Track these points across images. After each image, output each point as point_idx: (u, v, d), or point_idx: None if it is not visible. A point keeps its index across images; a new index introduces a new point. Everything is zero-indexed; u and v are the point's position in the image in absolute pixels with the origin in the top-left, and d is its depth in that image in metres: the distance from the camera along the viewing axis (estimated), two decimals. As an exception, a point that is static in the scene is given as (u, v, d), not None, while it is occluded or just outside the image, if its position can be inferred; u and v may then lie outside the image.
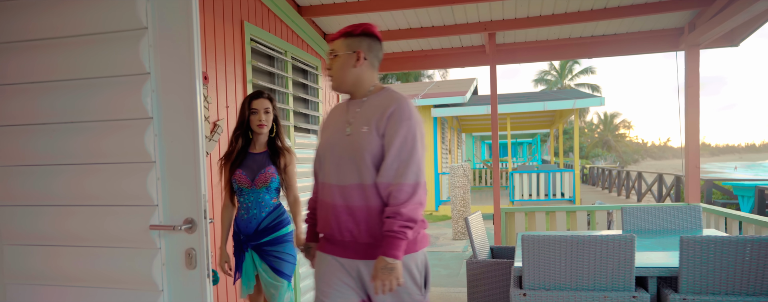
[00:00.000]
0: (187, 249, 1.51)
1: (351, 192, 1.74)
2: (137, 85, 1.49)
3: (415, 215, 1.68)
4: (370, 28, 1.85)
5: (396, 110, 1.72)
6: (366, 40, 1.83)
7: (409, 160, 1.69)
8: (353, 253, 1.76)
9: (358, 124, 1.77)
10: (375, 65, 1.87)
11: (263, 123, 2.29)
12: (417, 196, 1.69)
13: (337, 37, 1.84)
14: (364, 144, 1.72)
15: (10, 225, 1.66)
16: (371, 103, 1.79)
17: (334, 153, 1.80)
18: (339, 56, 1.81)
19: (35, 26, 1.56)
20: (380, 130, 1.72)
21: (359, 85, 1.84)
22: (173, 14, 1.46)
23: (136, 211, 1.53)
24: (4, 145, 1.63)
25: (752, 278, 2.01)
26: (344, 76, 1.82)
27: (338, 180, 1.77)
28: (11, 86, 1.61)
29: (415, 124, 1.73)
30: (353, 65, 1.80)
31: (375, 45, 1.85)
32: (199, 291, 1.52)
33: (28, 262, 1.64)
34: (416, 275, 1.78)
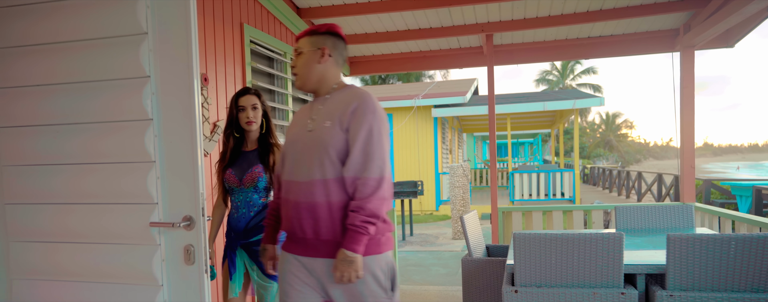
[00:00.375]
0: (186, 246, 1.57)
1: (313, 189, 1.72)
2: (138, 88, 1.55)
3: (378, 211, 1.68)
4: (335, 28, 1.88)
5: (359, 105, 1.72)
6: (331, 38, 1.85)
7: (373, 154, 1.69)
8: (314, 251, 1.75)
9: (321, 119, 1.77)
10: (340, 63, 1.89)
11: (251, 120, 2.27)
12: (381, 191, 1.69)
13: (303, 35, 1.86)
14: (327, 138, 1.72)
15: (16, 222, 1.72)
16: (334, 99, 1.80)
17: (295, 150, 1.80)
18: (303, 53, 1.83)
19: (40, 31, 1.62)
20: (344, 124, 1.72)
21: (323, 82, 1.85)
22: (172, 20, 1.52)
23: (136, 209, 1.58)
24: (10, 145, 1.69)
25: (737, 275, 2.06)
26: (309, 73, 1.83)
27: (300, 177, 1.76)
28: (17, 89, 1.67)
29: (379, 119, 1.73)
30: (318, 61, 1.82)
31: (339, 44, 1.88)
32: (198, 286, 1.57)
33: (33, 258, 1.70)
34: (381, 277, 1.76)
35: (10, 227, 1.72)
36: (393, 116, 12.42)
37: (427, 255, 7.18)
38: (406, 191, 8.36)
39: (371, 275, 1.72)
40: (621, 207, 3.38)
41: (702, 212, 4.07)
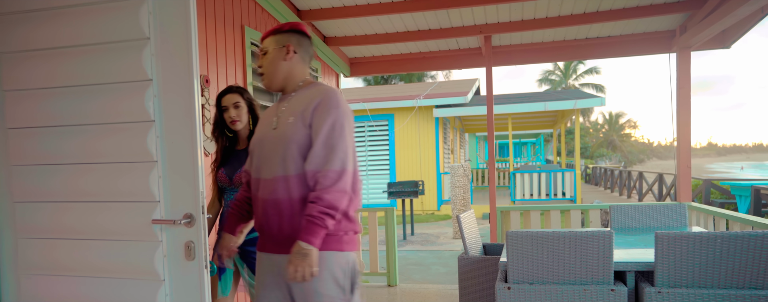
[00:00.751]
0: (187, 242, 1.63)
1: (276, 185, 1.73)
2: (140, 91, 1.61)
3: (337, 203, 1.65)
4: (299, 26, 1.89)
5: (322, 100, 1.72)
6: (295, 35, 1.87)
7: (335, 147, 1.68)
8: (278, 248, 1.75)
9: (285, 116, 1.77)
10: (306, 60, 1.90)
11: (235, 118, 2.24)
12: (342, 183, 1.66)
13: (267, 35, 1.88)
14: (290, 134, 1.72)
15: (24, 220, 1.79)
16: (299, 96, 1.81)
17: (261, 148, 1.81)
18: (269, 52, 1.84)
19: (48, 35, 1.69)
20: (307, 120, 1.71)
21: (290, 80, 1.86)
22: (174, 25, 1.58)
23: (139, 207, 1.65)
24: (18, 146, 1.76)
25: (723, 271, 2.11)
26: (275, 71, 1.84)
27: (265, 174, 1.77)
28: (25, 91, 1.74)
29: (343, 114, 1.72)
30: (283, 59, 1.83)
31: (304, 41, 1.89)
32: (198, 281, 1.64)
33: (40, 255, 1.77)
34: (339, 275, 1.73)
35: (18, 224, 1.79)
36: (394, 116, 12.48)
37: (427, 255, 7.24)
38: (406, 191, 8.42)
39: (329, 272, 1.70)
40: (616, 206, 3.43)
41: (697, 211, 4.11)
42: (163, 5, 1.58)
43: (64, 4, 1.66)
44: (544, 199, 11.32)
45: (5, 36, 1.73)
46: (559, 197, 11.32)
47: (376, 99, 12.56)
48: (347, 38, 4.89)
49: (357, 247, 1.85)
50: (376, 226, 4.96)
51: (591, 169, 23.50)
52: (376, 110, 12.32)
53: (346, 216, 1.76)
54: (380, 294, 4.67)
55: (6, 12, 1.72)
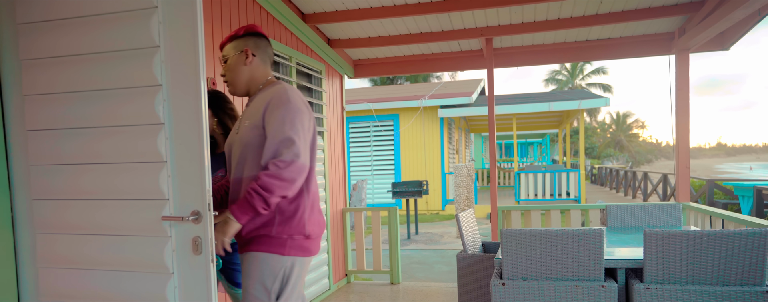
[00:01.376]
0: (194, 238, 1.73)
1: (237, 187, 1.83)
2: (151, 96, 1.72)
3: (272, 186, 1.69)
4: (254, 28, 1.95)
5: (273, 99, 1.79)
6: (252, 38, 1.93)
7: (285, 140, 1.73)
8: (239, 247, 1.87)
9: (244, 119, 1.86)
10: (266, 61, 1.96)
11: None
12: (286, 172, 1.70)
13: (225, 42, 1.94)
14: (247, 138, 1.81)
15: (42, 216, 1.90)
16: (257, 98, 1.88)
17: (230, 152, 1.92)
18: (229, 59, 1.92)
19: (65, 44, 1.80)
20: (260, 121, 1.79)
21: (253, 83, 1.93)
22: (182, 34, 1.68)
23: (150, 205, 1.76)
24: (36, 147, 1.88)
25: (709, 268, 2.18)
26: (237, 77, 1.91)
27: (231, 176, 1.89)
28: (44, 96, 1.85)
29: (293, 109, 1.77)
30: (244, 63, 1.90)
31: (261, 42, 1.94)
32: (205, 274, 1.74)
33: (57, 249, 1.88)
34: (267, 279, 1.78)
35: (36, 221, 1.90)
36: (399, 116, 12.57)
37: (431, 254, 7.32)
38: (411, 190, 8.51)
39: (258, 273, 1.79)
40: (613, 206, 3.50)
41: (695, 212, 4.17)
42: (172, 15, 1.69)
43: (80, 14, 1.77)
44: (548, 199, 11.36)
45: (25, 44, 1.84)
46: (564, 197, 11.36)
47: (382, 99, 12.66)
48: (351, 40, 4.98)
49: (307, 253, 1.87)
50: (379, 225, 5.05)
51: (597, 170, 23.46)
52: (382, 110, 12.42)
53: (292, 218, 1.81)
54: (383, 292, 4.76)
55: (25, 22, 1.83)
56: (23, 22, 1.82)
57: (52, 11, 1.79)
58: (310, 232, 1.87)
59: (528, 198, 11.47)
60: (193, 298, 1.75)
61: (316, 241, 1.94)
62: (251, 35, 1.95)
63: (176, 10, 1.68)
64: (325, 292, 4.62)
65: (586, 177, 26.20)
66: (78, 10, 1.76)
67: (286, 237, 1.82)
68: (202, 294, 1.74)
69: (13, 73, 1.89)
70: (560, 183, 11.36)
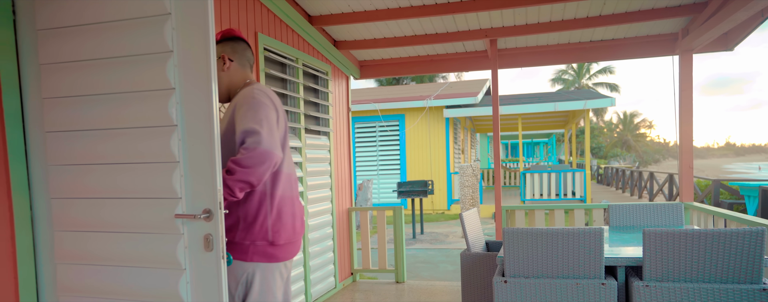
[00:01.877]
0: (206, 235, 1.80)
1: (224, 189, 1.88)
2: (164, 98, 1.79)
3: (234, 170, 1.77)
4: (230, 32, 1.99)
5: (240, 98, 1.87)
6: (228, 43, 1.99)
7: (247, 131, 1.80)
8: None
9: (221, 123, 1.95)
10: (244, 65, 2.01)
11: None
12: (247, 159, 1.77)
13: None
14: (224, 140, 1.90)
15: (60, 214, 1.97)
16: (232, 102, 1.96)
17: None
18: None
19: (81, 49, 1.87)
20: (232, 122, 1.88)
21: (233, 87, 1.99)
22: (194, 39, 1.75)
23: (163, 203, 1.83)
24: (55, 147, 1.95)
25: (707, 267, 2.23)
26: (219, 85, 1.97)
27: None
28: (63, 98, 1.93)
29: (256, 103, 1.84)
30: (221, 69, 1.97)
31: (238, 46, 2.00)
32: (216, 270, 1.81)
33: (75, 246, 1.96)
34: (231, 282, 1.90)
35: (55, 218, 1.98)
36: (405, 116, 12.63)
37: (436, 253, 7.38)
38: (416, 190, 8.57)
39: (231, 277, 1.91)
40: (615, 205, 3.55)
41: (698, 211, 4.20)
42: (185, 21, 1.76)
43: (97, 20, 1.84)
44: (553, 199, 11.38)
45: (44, 49, 1.91)
46: (569, 197, 11.37)
47: (387, 99, 12.72)
48: (357, 42, 5.05)
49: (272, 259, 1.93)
50: (384, 224, 5.12)
51: (603, 170, 23.41)
52: (387, 110, 12.48)
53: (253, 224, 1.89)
54: (388, 290, 4.83)
55: (44, 28, 1.91)
56: (43, 28, 1.90)
57: (70, 18, 1.87)
58: (274, 239, 1.92)
59: (533, 198, 11.49)
60: (204, 293, 1.82)
61: (284, 248, 1.98)
62: (228, 40, 2.01)
63: (188, 17, 1.75)
64: (331, 290, 4.69)
65: (592, 178, 26.15)
66: (95, 16, 1.84)
67: (249, 243, 1.89)
68: (213, 289, 1.81)
69: (32, 77, 1.97)
70: (566, 183, 11.38)
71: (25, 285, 1.98)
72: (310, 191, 4.29)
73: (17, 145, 1.95)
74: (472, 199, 8.66)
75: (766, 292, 2.14)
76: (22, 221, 1.97)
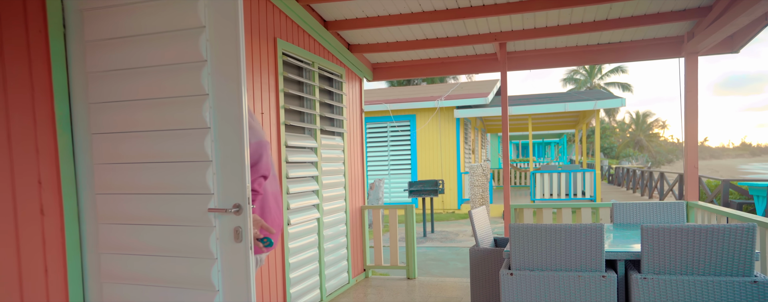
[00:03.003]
0: (235, 227, 1.99)
1: None
2: (199, 103, 1.97)
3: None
4: None
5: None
6: None
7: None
8: None
9: None
10: None
11: None
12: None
13: None
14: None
15: (103, 208, 2.17)
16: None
17: None
18: None
19: (124, 59, 2.07)
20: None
21: None
22: (226, 49, 1.94)
23: (198, 198, 2.02)
24: (101, 148, 2.15)
25: (702, 260, 2.37)
26: None
27: None
28: (108, 104, 2.12)
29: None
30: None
31: None
32: (244, 260, 1.99)
33: (117, 237, 2.16)
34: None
35: (99, 212, 2.17)
36: (416, 117, 12.78)
37: (446, 251, 7.53)
38: (427, 190, 8.72)
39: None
40: (618, 204, 3.68)
41: (703, 210, 4.31)
42: (218, 33, 1.94)
43: (139, 32, 2.04)
44: (563, 199, 11.46)
45: (91, 59, 2.11)
46: (579, 197, 11.45)
47: (399, 100, 12.88)
48: (370, 45, 5.22)
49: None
50: (396, 223, 5.29)
51: (614, 170, 23.36)
52: (399, 111, 12.64)
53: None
54: (400, 286, 4.99)
55: (92, 40, 2.10)
56: (91, 40, 2.10)
57: (115, 30, 2.06)
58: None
59: (543, 198, 11.59)
60: (234, 281, 2.01)
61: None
62: None
63: (221, 29, 1.94)
64: (345, 286, 4.87)
65: (603, 178, 26.07)
66: (138, 29, 2.03)
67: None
68: (242, 277, 2.00)
69: (80, 84, 2.16)
70: (575, 183, 11.45)
71: (74, 273, 2.18)
72: (325, 189, 4.47)
73: (66, 147, 2.15)
74: (482, 199, 8.79)
75: (756, 284, 2.27)
76: (70, 215, 2.17)
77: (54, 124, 2.10)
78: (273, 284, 3.59)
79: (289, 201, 3.83)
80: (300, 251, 4.00)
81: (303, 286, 4.03)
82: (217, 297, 2.01)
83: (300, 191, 3.98)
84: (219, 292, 2.01)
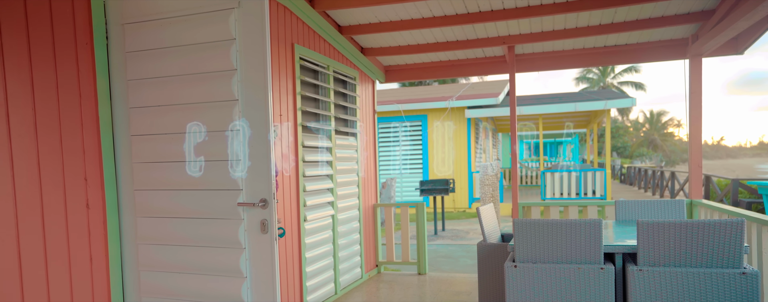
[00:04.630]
0: (262, 220, 2.19)
1: None
2: (230, 108, 2.18)
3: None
4: None
5: None
6: None
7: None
8: None
9: None
10: None
11: None
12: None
13: None
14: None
15: (142, 203, 2.39)
16: None
17: None
18: None
19: (164, 67, 2.29)
20: None
21: None
22: (254, 59, 2.15)
23: (228, 194, 2.23)
24: (139, 148, 2.38)
25: (694, 253, 2.52)
26: None
27: None
28: (144, 108, 2.35)
29: None
30: None
31: None
32: (270, 249, 2.20)
33: (154, 229, 2.38)
34: None
35: (137, 206, 2.40)
36: (428, 117, 12.95)
37: (456, 248, 7.69)
38: (438, 188, 8.89)
39: None
40: (621, 201, 3.83)
41: (705, 208, 4.44)
42: (246, 46, 2.15)
43: (174, 44, 2.25)
44: (573, 198, 11.55)
45: (132, 67, 2.34)
46: (590, 196, 11.52)
47: (410, 100, 13.06)
48: (383, 49, 5.42)
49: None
50: (407, 220, 5.47)
51: (626, 169, 23.29)
52: (410, 111, 12.82)
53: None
54: (411, 281, 5.18)
55: (132, 50, 2.33)
56: (131, 51, 2.33)
57: (152, 42, 2.29)
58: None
59: (553, 197, 11.68)
60: (260, 269, 2.21)
61: None
62: None
63: (250, 40, 2.15)
64: (358, 280, 5.07)
65: (615, 177, 25.97)
66: (173, 41, 2.25)
67: None
68: (268, 265, 2.21)
69: (120, 90, 2.39)
70: (585, 182, 11.54)
71: (114, 262, 2.40)
72: (339, 188, 4.67)
73: (108, 147, 2.37)
74: (493, 198, 8.94)
75: (745, 275, 2.42)
76: (111, 209, 2.40)
77: (98, 127, 2.32)
78: (290, 277, 3.80)
79: (306, 198, 4.04)
80: (315, 246, 4.20)
81: (318, 280, 4.24)
82: (245, 283, 2.22)
83: (316, 189, 4.19)
84: (247, 278, 2.22)
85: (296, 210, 3.85)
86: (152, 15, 2.27)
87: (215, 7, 2.14)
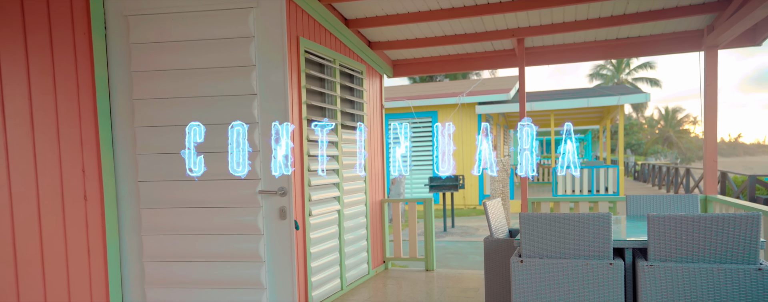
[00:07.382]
0: (281, 207, 2.23)
1: None
2: (249, 102, 2.25)
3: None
4: None
5: None
6: None
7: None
8: None
9: None
10: None
11: None
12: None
13: None
14: None
15: (145, 195, 2.41)
16: None
17: None
18: None
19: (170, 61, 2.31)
20: None
21: None
22: (272, 56, 2.21)
23: (248, 183, 2.30)
24: (142, 140, 2.38)
25: (707, 248, 2.44)
26: None
27: None
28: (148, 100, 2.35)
29: None
30: None
31: None
32: (288, 235, 2.27)
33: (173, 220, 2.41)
34: None
35: (142, 197, 2.40)
36: (438, 113, 12.87)
37: (465, 245, 7.63)
38: (447, 185, 8.82)
39: None
40: (632, 196, 3.74)
41: (720, 203, 4.32)
42: (264, 42, 2.18)
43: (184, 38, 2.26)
44: (586, 195, 11.41)
45: (136, 60, 2.34)
46: (602, 193, 11.37)
47: (420, 96, 12.99)
48: (390, 43, 5.36)
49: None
50: (415, 216, 5.42)
51: (640, 166, 22.99)
52: (420, 107, 12.75)
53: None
54: (418, 277, 5.14)
55: (138, 42, 2.33)
56: (136, 42, 2.33)
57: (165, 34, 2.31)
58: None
59: (565, 194, 11.55)
60: (278, 253, 2.30)
61: None
62: None
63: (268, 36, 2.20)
64: (365, 276, 5.03)
65: (628, 174, 25.64)
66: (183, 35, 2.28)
67: None
68: (286, 249, 2.30)
69: (121, 81, 2.39)
70: (598, 179, 11.38)
71: (112, 253, 2.39)
72: (345, 183, 4.63)
73: (107, 138, 2.36)
74: (503, 194, 8.86)
75: (761, 271, 2.33)
76: (110, 201, 2.39)
77: (96, 118, 2.31)
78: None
79: (311, 193, 4.00)
80: (321, 241, 4.17)
81: (324, 275, 4.21)
82: (263, 267, 2.27)
83: (321, 183, 4.15)
84: (265, 263, 2.28)
85: (301, 205, 3.82)
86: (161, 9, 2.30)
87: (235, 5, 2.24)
